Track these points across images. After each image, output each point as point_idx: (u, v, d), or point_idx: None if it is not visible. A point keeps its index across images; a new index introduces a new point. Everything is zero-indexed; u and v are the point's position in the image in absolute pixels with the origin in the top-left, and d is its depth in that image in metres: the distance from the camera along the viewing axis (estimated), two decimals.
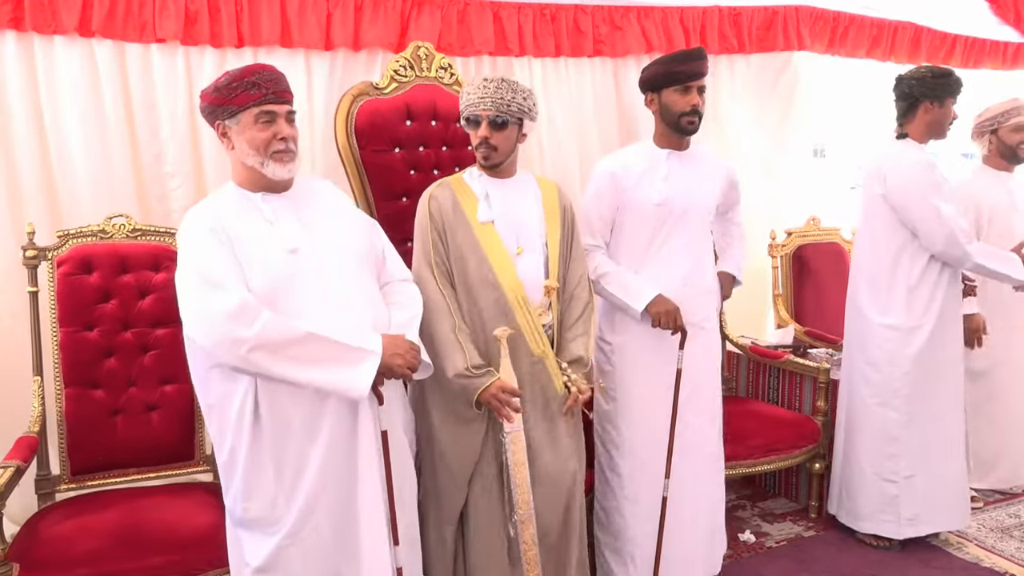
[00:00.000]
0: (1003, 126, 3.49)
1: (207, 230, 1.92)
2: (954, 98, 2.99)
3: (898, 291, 3.00)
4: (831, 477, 3.31)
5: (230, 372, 1.90)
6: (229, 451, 1.98)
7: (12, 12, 2.56)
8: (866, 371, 3.10)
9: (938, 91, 2.96)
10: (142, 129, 2.82)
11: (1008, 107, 3.48)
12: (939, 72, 2.98)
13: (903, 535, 3.07)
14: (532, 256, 2.37)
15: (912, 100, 3.01)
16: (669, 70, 2.55)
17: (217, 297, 1.83)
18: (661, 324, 2.52)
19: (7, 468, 2.16)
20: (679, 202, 2.60)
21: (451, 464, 2.30)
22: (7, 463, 2.19)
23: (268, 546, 1.97)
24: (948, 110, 2.99)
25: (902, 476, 3.04)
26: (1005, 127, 3.48)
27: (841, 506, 3.25)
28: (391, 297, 2.15)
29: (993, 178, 3.53)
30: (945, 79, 2.96)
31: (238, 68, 1.99)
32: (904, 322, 2.99)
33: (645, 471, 2.61)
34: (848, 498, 3.20)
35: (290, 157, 1.99)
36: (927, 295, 2.97)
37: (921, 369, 3.00)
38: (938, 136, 3.05)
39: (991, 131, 3.53)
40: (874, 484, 3.09)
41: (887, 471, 3.06)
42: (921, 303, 2.98)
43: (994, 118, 3.51)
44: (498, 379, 2.20)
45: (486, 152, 2.31)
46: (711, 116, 3.94)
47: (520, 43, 3.38)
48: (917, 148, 3.00)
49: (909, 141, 3.03)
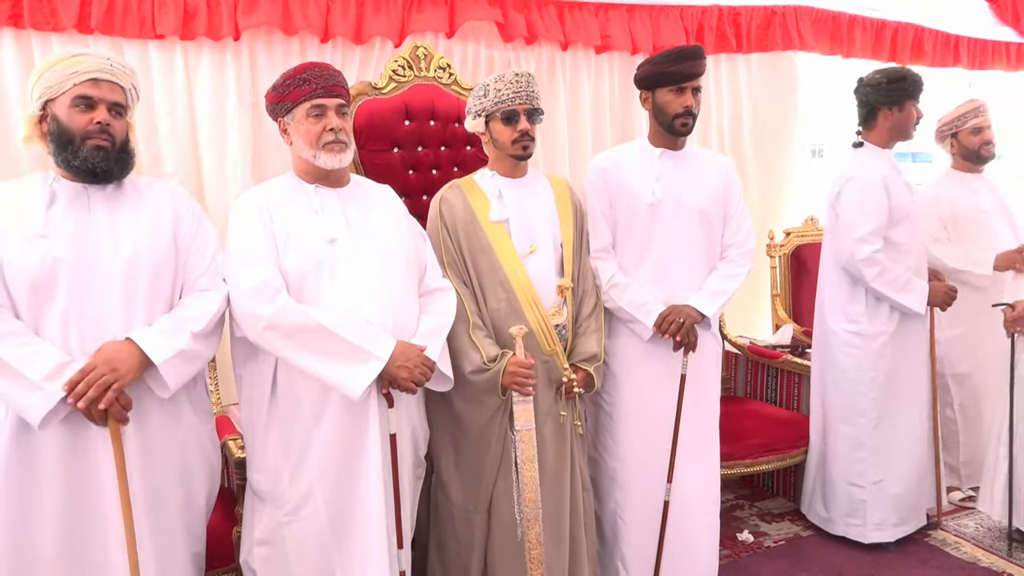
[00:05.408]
0: (961, 129, 3.47)
1: (254, 209, 2.06)
2: (914, 99, 2.98)
3: (859, 299, 3.03)
4: (804, 477, 3.33)
5: (255, 346, 2.00)
6: (249, 422, 2.09)
7: (11, 10, 2.55)
8: (834, 376, 3.13)
9: (894, 96, 2.96)
10: (141, 128, 2.81)
11: (965, 110, 3.47)
12: (894, 76, 2.97)
13: (869, 539, 3.09)
14: (545, 255, 2.39)
15: (870, 107, 3.02)
16: (663, 70, 2.50)
17: (246, 272, 1.97)
18: (671, 330, 2.48)
19: None
20: (672, 203, 2.57)
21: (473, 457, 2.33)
22: None
23: (272, 521, 2.06)
24: (909, 113, 2.98)
25: (870, 481, 3.06)
26: (963, 130, 3.46)
27: (812, 508, 3.28)
28: (427, 305, 2.20)
29: (960, 182, 3.50)
30: (900, 83, 2.95)
31: (293, 67, 2.12)
32: (867, 328, 3.02)
33: (645, 476, 2.59)
34: (818, 500, 3.24)
35: (340, 148, 2.09)
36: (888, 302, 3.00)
37: (885, 375, 3.02)
38: (903, 138, 3.06)
39: (951, 135, 3.51)
40: (843, 489, 3.13)
41: (855, 476, 3.09)
42: (883, 310, 3.01)
43: (952, 122, 3.49)
44: (512, 355, 2.22)
45: (527, 144, 2.34)
46: (708, 115, 3.96)
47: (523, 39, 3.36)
48: (872, 158, 3.01)
49: (864, 151, 3.05)
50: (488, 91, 2.34)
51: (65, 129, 1.83)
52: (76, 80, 1.83)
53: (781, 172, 4.30)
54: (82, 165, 1.84)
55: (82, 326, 1.81)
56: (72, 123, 1.83)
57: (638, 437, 2.60)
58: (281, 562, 2.06)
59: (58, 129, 1.84)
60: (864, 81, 3.04)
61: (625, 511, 2.63)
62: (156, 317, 1.90)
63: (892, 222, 2.97)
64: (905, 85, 2.95)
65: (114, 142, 1.87)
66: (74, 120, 1.83)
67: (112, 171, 1.89)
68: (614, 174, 2.60)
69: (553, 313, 2.36)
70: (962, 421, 3.47)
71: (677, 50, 2.56)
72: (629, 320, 2.56)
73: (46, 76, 1.84)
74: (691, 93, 2.50)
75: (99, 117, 1.85)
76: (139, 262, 1.88)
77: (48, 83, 1.84)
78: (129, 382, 1.78)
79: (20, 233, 1.80)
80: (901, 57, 4.50)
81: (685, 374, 2.54)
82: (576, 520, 2.44)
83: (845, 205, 2.99)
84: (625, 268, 2.59)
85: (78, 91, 1.84)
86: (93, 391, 1.72)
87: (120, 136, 1.90)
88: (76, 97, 1.84)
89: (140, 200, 1.95)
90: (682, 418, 2.54)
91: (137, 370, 1.80)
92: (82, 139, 1.84)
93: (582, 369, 2.40)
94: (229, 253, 2.04)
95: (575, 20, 3.49)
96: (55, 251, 1.80)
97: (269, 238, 2.02)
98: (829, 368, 3.16)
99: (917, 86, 2.98)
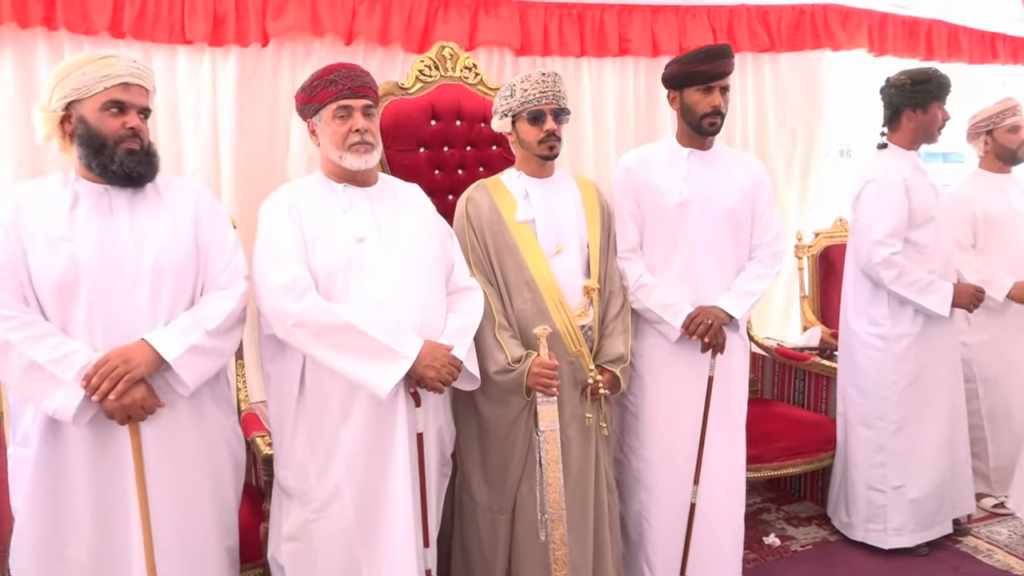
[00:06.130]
0: (998, 127, 3.38)
1: (284, 207, 2.07)
2: (940, 101, 2.93)
3: (882, 301, 2.99)
4: (831, 481, 3.30)
5: (283, 343, 2.02)
6: (277, 419, 2.10)
7: (44, 10, 2.59)
8: (856, 379, 3.09)
9: (918, 98, 2.91)
10: (163, 129, 2.84)
11: (1003, 107, 3.39)
12: (920, 78, 2.92)
13: (889, 545, 3.04)
14: (571, 256, 2.38)
15: (894, 109, 2.97)
16: (690, 69, 2.48)
17: (275, 270, 1.99)
18: (698, 331, 2.46)
19: None
20: (700, 202, 2.55)
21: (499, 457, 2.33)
22: None
23: (300, 517, 2.07)
24: (933, 115, 2.93)
25: (890, 486, 3.02)
26: (1000, 128, 3.38)
27: (836, 512, 3.25)
28: (455, 304, 2.21)
29: (990, 182, 3.42)
30: (925, 85, 2.90)
31: (320, 68, 2.12)
32: (889, 331, 2.98)
33: (671, 478, 2.58)
34: (842, 504, 3.20)
35: (366, 149, 2.09)
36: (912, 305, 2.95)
37: (909, 378, 2.98)
38: (927, 141, 3.01)
39: (986, 132, 3.43)
40: (863, 493, 3.09)
41: (875, 480, 3.05)
42: (907, 312, 2.96)
43: (988, 119, 3.41)
44: (536, 355, 2.22)
45: (553, 144, 2.33)
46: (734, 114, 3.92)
47: (545, 42, 3.37)
48: (894, 160, 2.97)
49: (888, 152, 3.01)
50: (514, 91, 2.34)
51: (96, 133, 1.83)
52: (107, 84, 1.83)
53: (809, 172, 4.25)
54: (119, 170, 1.85)
55: (108, 328, 1.83)
56: (104, 127, 1.83)
57: (664, 438, 2.58)
58: (308, 558, 2.07)
59: (87, 132, 1.84)
60: (889, 82, 3.00)
61: (650, 512, 2.61)
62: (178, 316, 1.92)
63: (914, 224, 2.93)
64: (930, 87, 2.90)
65: (143, 145, 1.89)
66: (106, 124, 1.83)
67: (146, 175, 1.90)
68: (641, 173, 2.59)
69: (579, 314, 2.36)
70: (990, 426, 3.40)
71: (705, 49, 2.53)
72: (656, 321, 2.54)
73: (74, 77, 1.83)
74: (719, 92, 2.48)
75: (132, 123, 1.86)
76: (163, 264, 1.89)
77: (76, 84, 1.82)
78: (142, 374, 1.78)
79: (45, 235, 1.81)
80: (938, 54, 4.43)
81: (713, 376, 2.52)
82: (601, 521, 2.43)
83: (864, 207, 2.97)
84: (652, 268, 2.57)
85: (109, 95, 1.83)
86: (107, 383, 1.74)
87: (147, 139, 1.91)
88: (108, 101, 1.83)
89: (160, 200, 1.95)
90: (709, 420, 2.52)
91: (151, 364, 1.80)
92: (115, 143, 1.84)
93: (608, 370, 2.38)
94: (258, 250, 2.05)
95: (595, 27, 3.48)
96: (80, 254, 1.81)
97: (298, 236, 2.03)
98: (852, 371, 3.13)
99: (943, 88, 2.93)
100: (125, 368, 1.76)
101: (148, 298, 1.87)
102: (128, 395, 1.77)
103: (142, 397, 1.80)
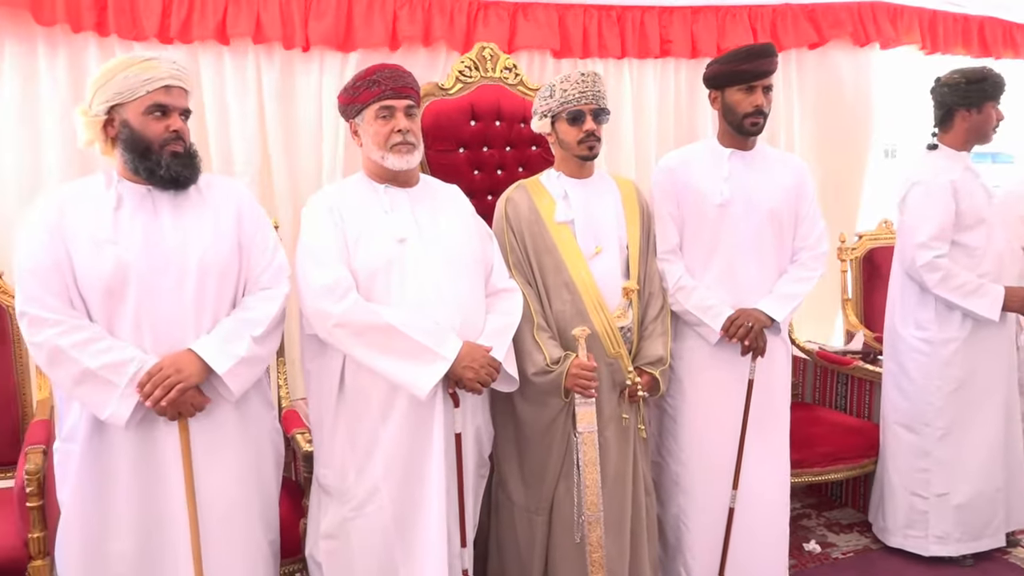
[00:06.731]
0: None
1: (326, 209, 2.10)
2: (995, 101, 2.85)
3: (929, 305, 2.92)
4: (873, 488, 3.23)
5: (324, 342, 2.05)
6: (317, 417, 2.13)
7: (96, 16, 2.65)
8: (901, 383, 3.03)
9: (973, 97, 2.83)
10: (213, 131, 2.89)
11: None
12: (974, 77, 2.84)
13: (930, 552, 2.97)
14: (611, 256, 2.37)
15: (947, 108, 2.90)
16: (732, 69, 2.46)
17: (317, 271, 2.01)
18: (739, 334, 2.43)
19: None
20: (742, 203, 2.52)
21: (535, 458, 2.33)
22: None
23: (338, 515, 2.09)
24: (988, 115, 2.85)
25: (933, 493, 2.95)
26: None
27: (876, 519, 3.18)
28: (494, 305, 2.22)
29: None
30: (980, 84, 2.82)
31: (364, 68, 2.15)
32: (936, 335, 2.91)
33: (709, 482, 2.55)
34: (881, 510, 3.14)
35: (407, 149, 2.10)
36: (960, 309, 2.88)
37: (956, 384, 2.90)
38: (981, 141, 2.93)
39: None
40: (903, 498, 3.03)
41: (917, 486, 2.98)
42: (955, 316, 2.89)
43: None
44: (575, 357, 2.21)
45: (592, 144, 2.33)
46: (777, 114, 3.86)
47: (584, 44, 3.35)
48: (943, 161, 2.89)
49: (936, 153, 2.93)
50: (554, 91, 2.33)
51: (141, 137, 1.85)
52: (150, 87, 1.84)
53: (854, 173, 4.17)
54: (166, 174, 1.87)
55: (155, 329, 1.86)
56: (148, 131, 1.85)
57: (703, 442, 2.56)
58: (346, 556, 2.09)
59: (132, 136, 1.85)
60: (941, 81, 2.93)
61: (688, 516, 2.59)
62: (223, 316, 1.94)
63: (963, 227, 2.85)
64: (985, 86, 2.83)
65: (186, 147, 1.91)
66: (149, 128, 1.85)
67: (191, 177, 1.93)
68: (682, 174, 2.56)
69: (618, 315, 2.34)
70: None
71: (747, 48, 2.51)
72: (696, 323, 2.52)
73: (117, 81, 1.83)
74: (762, 92, 2.45)
75: (175, 126, 1.87)
76: (207, 264, 1.91)
77: (118, 88, 1.83)
78: (193, 384, 1.83)
79: (90, 237, 1.83)
80: (994, 51, 4.32)
81: (752, 379, 2.49)
82: (638, 524, 2.42)
83: (909, 209, 2.91)
84: (692, 270, 2.55)
85: (153, 99, 1.85)
86: (159, 391, 1.78)
87: (188, 140, 1.93)
88: (151, 105, 1.85)
89: (202, 201, 1.97)
90: (749, 424, 2.49)
91: (202, 374, 1.85)
92: (160, 147, 1.86)
93: (647, 372, 2.37)
94: (301, 251, 2.08)
95: (636, 28, 3.46)
96: (126, 256, 1.83)
97: (340, 238, 2.05)
98: (897, 375, 3.06)
99: (998, 87, 2.85)
100: (178, 378, 1.80)
101: (193, 297, 1.90)
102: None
103: (191, 395, 1.84)
